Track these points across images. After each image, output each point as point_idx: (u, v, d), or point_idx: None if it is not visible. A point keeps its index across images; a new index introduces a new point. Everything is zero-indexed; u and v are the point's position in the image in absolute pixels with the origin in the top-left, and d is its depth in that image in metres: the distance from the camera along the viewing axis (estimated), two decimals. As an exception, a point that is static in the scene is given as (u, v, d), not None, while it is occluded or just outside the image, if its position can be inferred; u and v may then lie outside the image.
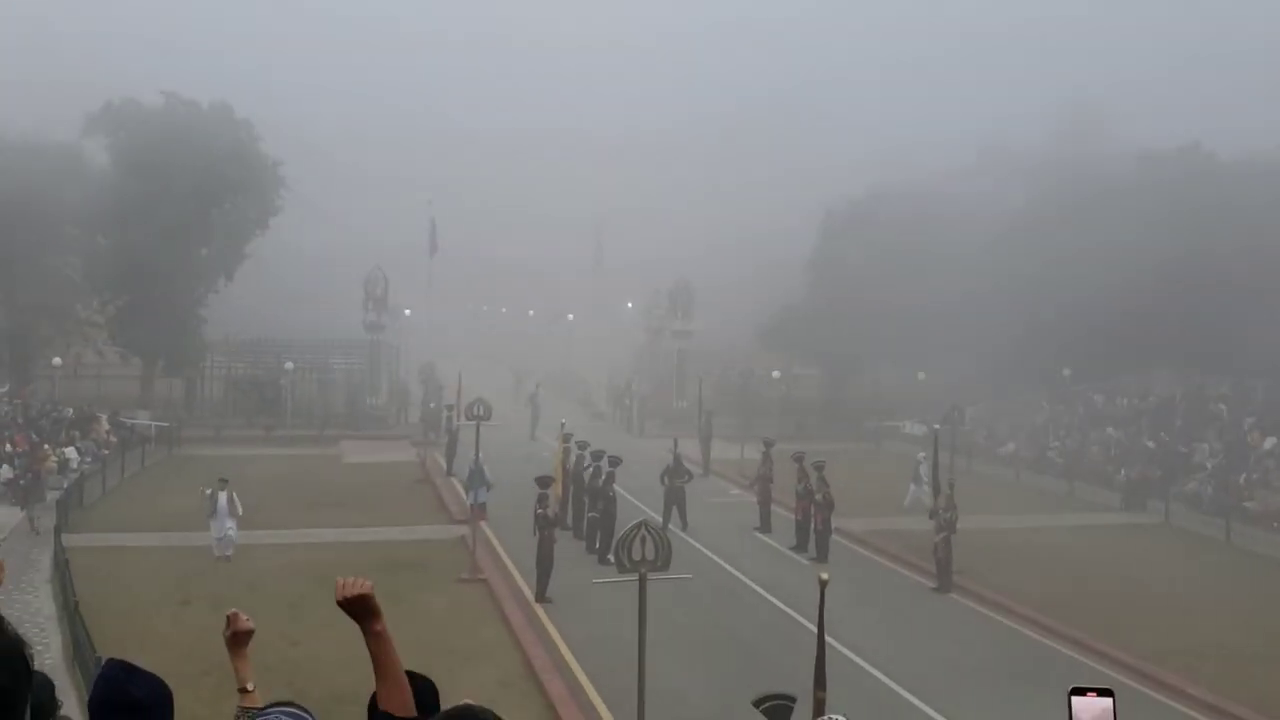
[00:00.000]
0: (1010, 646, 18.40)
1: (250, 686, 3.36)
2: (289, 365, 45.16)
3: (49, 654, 15.54)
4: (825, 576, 11.27)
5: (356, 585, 2.86)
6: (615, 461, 23.96)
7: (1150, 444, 33.57)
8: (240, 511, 22.77)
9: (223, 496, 22.49)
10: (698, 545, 24.37)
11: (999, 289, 41.38)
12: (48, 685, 2.78)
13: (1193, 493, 29.77)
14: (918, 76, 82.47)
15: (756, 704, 9.68)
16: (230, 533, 22.49)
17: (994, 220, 44.24)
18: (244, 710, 3.24)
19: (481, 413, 23.59)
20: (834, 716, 2.96)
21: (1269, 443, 31.17)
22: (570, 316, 72.63)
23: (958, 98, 74.16)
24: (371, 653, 2.89)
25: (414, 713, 2.87)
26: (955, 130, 57.66)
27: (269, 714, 2.90)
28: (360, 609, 2.86)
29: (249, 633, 3.44)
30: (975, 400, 39.76)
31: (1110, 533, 27.40)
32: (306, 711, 2.88)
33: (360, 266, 50.05)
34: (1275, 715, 15.18)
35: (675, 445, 28.00)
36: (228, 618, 3.43)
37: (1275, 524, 26.60)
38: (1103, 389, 40.79)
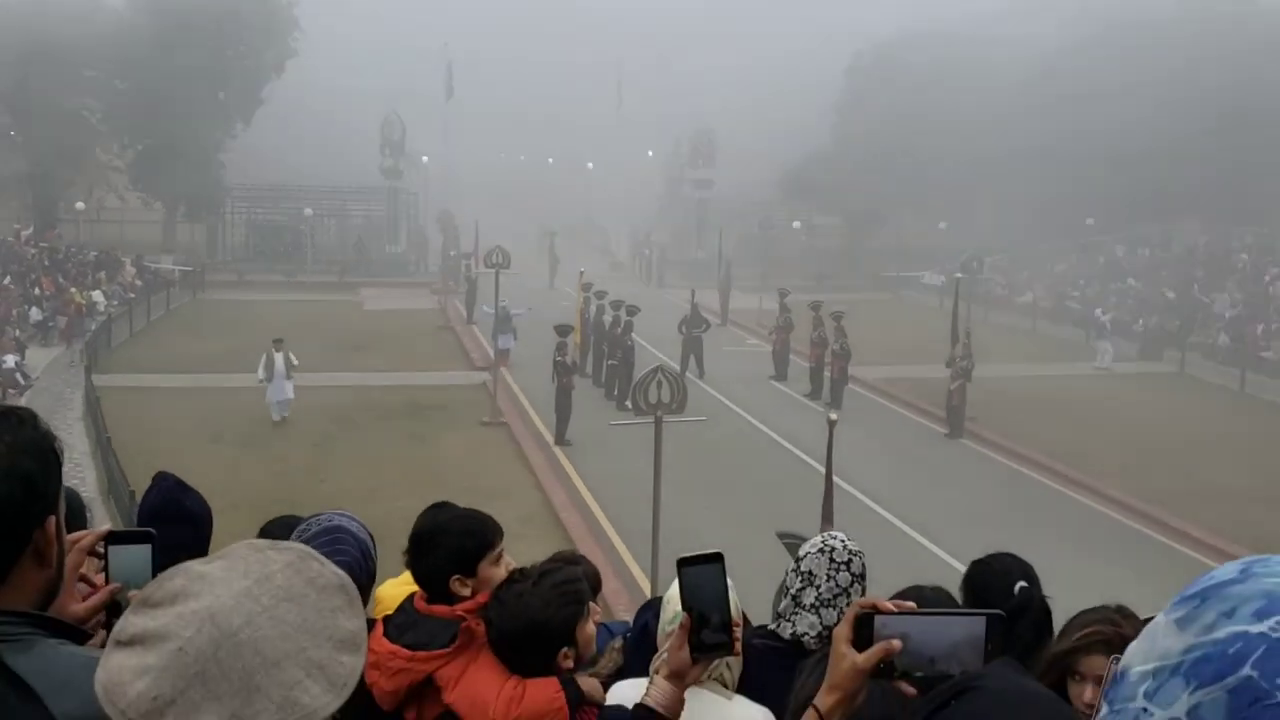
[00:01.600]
0: (1018, 490, 18.83)
1: None
2: (308, 211, 45.19)
3: (84, 488, 16.10)
4: (834, 417, 11.54)
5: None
6: (633, 310, 24.13)
7: (1170, 294, 33.46)
8: (296, 363, 21.77)
9: (279, 358, 21.44)
10: (714, 392, 24.73)
11: (1026, 136, 40.61)
12: (76, 498, 2.93)
13: (1209, 343, 29.81)
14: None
15: (781, 536, 10.09)
16: (289, 394, 21.46)
17: (1025, 64, 43.09)
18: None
19: (500, 261, 23.67)
20: (834, 532, 3.14)
21: (1290, 294, 31.05)
22: (590, 165, 71.79)
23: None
24: None
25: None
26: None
27: (324, 514, 3.15)
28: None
29: None
30: (996, 250, 39.51)
31: (1125, 382, 27.62)
32: (353, 517, 3.12)
33: (377, 111, 49.47)
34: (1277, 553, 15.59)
35: (693, 295, 28.14)
36: None
37: (1291, 374, 26.74)
38: (1125, 239, 40.42)
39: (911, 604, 1.76)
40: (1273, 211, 35.59)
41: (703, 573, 2.12)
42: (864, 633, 1.70)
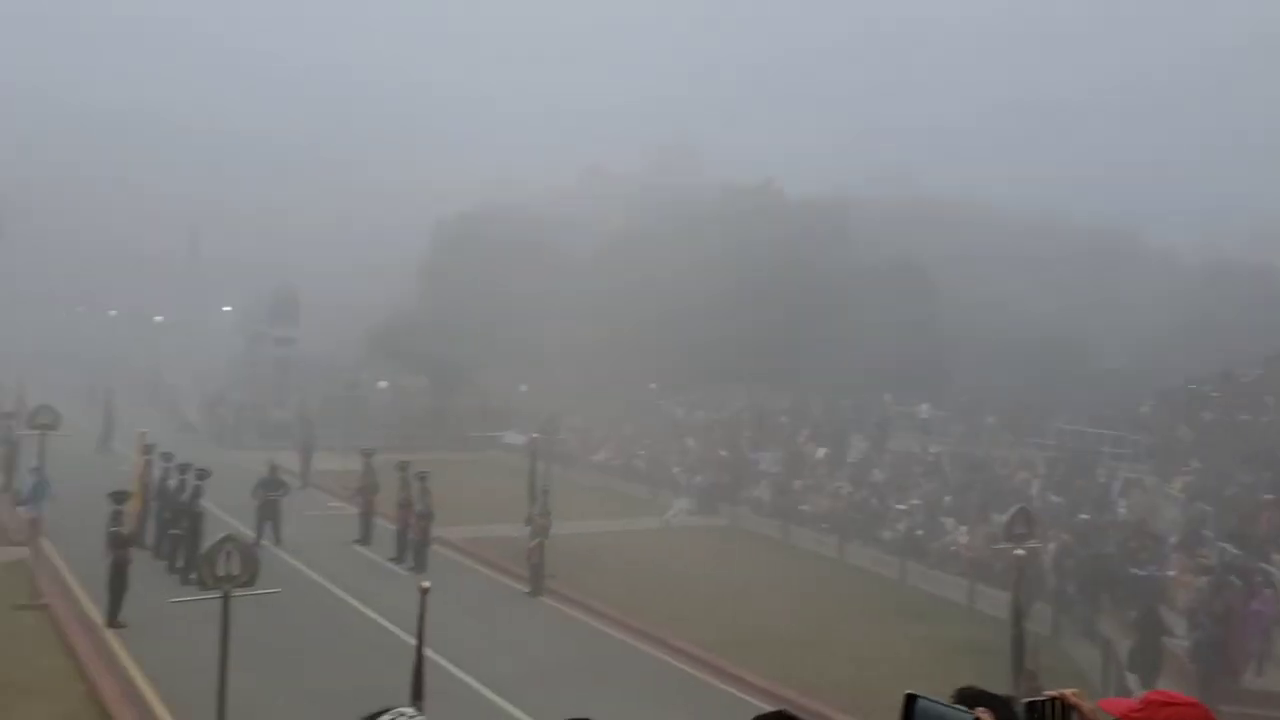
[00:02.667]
0: (594, 645, 19.53)
1: None
2: None
3: None
4: (426, 584, 11.52)
5: None
6: (203, 474, 22.77)
7: (723, 452, 36.74)
8: None
9: None
10: (292, 560, 23.74)
11: (597, 305, 43.72)
12: None
13: (757, 497, 32.92)
14: (519, 96, 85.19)
15: None
16: None
17: (596, 240, 46.67)
18: None
19: (48, 421, 21.59)
20: (403, 709, 3.22)
21: (820, 452, 35.12)
22: (159, 318, 67.67)
23: (559, 124, 77.40)
24: None
25: None
26: (554, 151, 60.19)
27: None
28: None
29: None
30: (571, 410, 41.62)
31: (685, 535, 29.76)
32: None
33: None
34: (820, 695, 17.20)
35: (272, 458, 27.13)
36: None
37: (824, 525, 30.02)
38: (683, 402, 44.16)
39: None
40: (803, 379, 40.57)
41: None
42: None
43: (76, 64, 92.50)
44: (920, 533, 26.61)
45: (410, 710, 3.25)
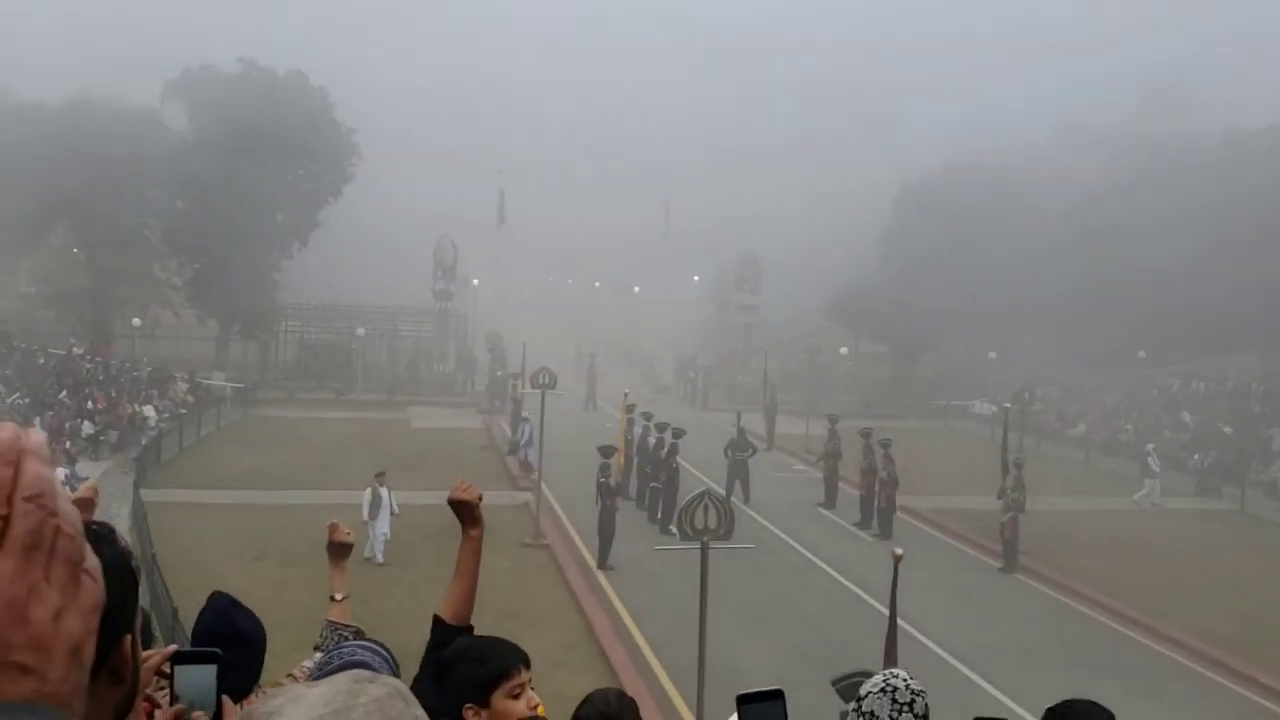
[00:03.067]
0: (1073, 627, 18.20)
1: (339, 596, 3.65)
2: (360, 331, 45.90)
3: (128, 604, 16.01)
4: (899, 552, 11.25)
5: (469, 490, 3.26)
6: (679, 433, 24.02)
7: (1227, 429, 32.81)
8: (397, 510, 20.25)
9: (385, 493, 20.01)
10: (760, 519, 24.38)
11: (1074, 267, 40.64)
12: (146, 616, 2.98)
13: (1270, 480, 29.06)
14: (995, 47, 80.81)
15: (835, 681, 9.72)
16: (386, 533, 19.94)
17: (1070, 196, 43.38)
18: (330, 624, 3.54)
19: (546, 381, 23.76)
20: (896, 670, 2.99)
21: (1352, 430, 30.32)
22: (636, 289, 72.69)
23: (1035, 71, 72.66)
24: (460, 555, 3.29)
25: (468, 622, 3.20)
26: (1032, 103, 56.56)
27: (347, 646, 3.02)
28: (465, 512, 3.25)
29: (346, 546, 3.74)
30: (1046, 381, 39.14)
31: (1182, 518, 26.91)
32: (383, 646, 2.99)
33: (430, 236, 50.61)
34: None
35: (739, 419, 28.02)
36: (329, 527, 3.75)
37: (1356, 513, 25.92)
38: (1178, 372, 39.92)
39: None
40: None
41: (763, 710, 2.08)
42: None
43: (545, 67, 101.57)
44: None
45: (903, 674, 2.99)
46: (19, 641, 0.78)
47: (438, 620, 3.26)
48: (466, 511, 3.26)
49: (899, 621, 11.68)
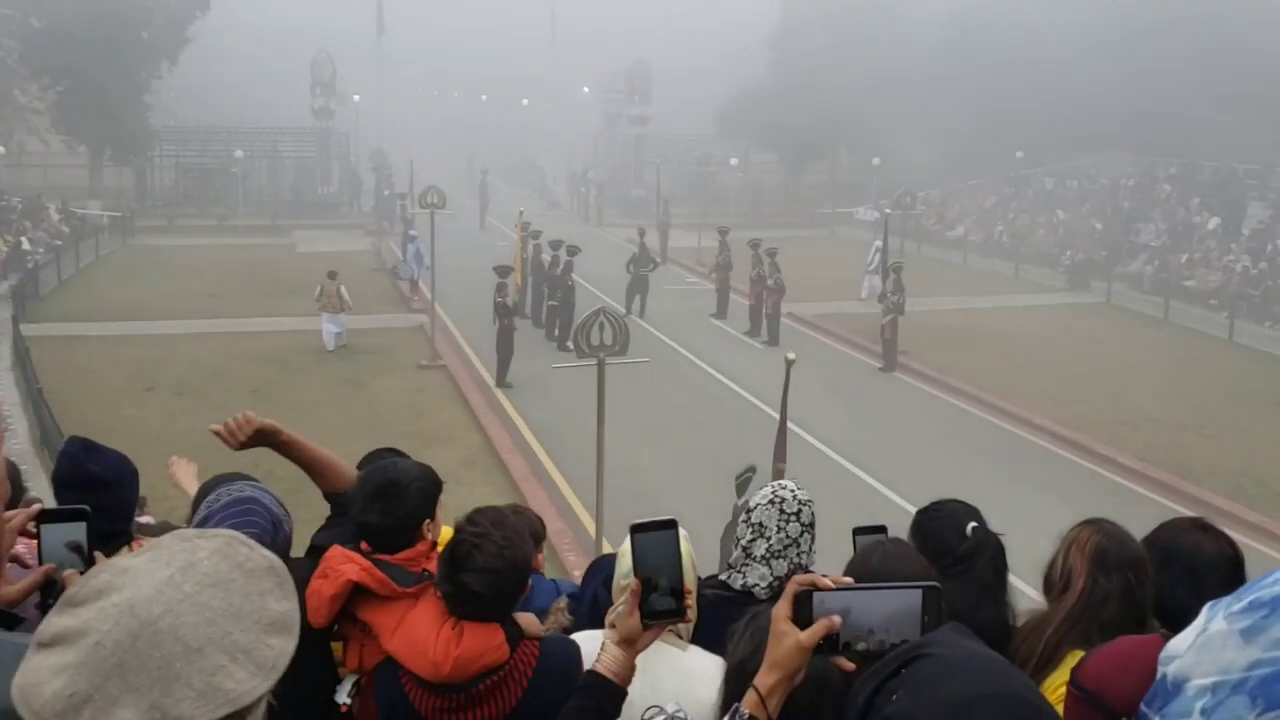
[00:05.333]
0: (949, 421, 19.31)
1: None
2: (239, 153, 44.25)
3: (16, 439, 15.90)
4: (792, 356, 11.74)
5: (244, 425, 3.02)
6: (574, 250, 24.13)
7: (1097, 225, 34.15)
8: (349, 302, 22.99)
9: (334, 286, 22.75)
10: (656, 332, 24.90)
11: (956, 71, 40.92)
12: (13, 469, 2.80)
13: (1135, 273, 30.54)
14: None
15: (737, 478, 10.34)
16: (341, 326, 22.85)
17: (953, 1, 43.28)
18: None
19: (435, 200, 23.46)
20: (784, 481, 3.27)
21: (1212, 223, 31.82)
22: (525, 101, 70.90)
23: None
24: (293, 460, 3.15)
25: (352, 481, 3.16)
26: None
27: (236, 482, 3.19)
28: (260, 438, 3.07)
29: (264, 430, 3.15)
30: (928, 185, 39.94)
31: (1053, 312, 28.27)
32: (264, 489, 3.16)
33: (307, 50, 48.32)
34: (1196, 480, 16.22)
35: (641, 234, 28.24)
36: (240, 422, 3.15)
37: (1212, 301, 27.51)
38: (1053, 171, 41.06)
39: (848, 579, 1.77)
40: (1193, 144, 36.35)
41: (656, 539, 2.12)
42: (803, 610, 1.73)
43: None
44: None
45: (791, 485, 3.24)
46: None
47: (328, 495, 3.23)
48: (259, 436, 3.06)
49: (789, 424, 12.29)
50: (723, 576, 3.20)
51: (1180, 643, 0.80)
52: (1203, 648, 0.76)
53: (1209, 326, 26.43)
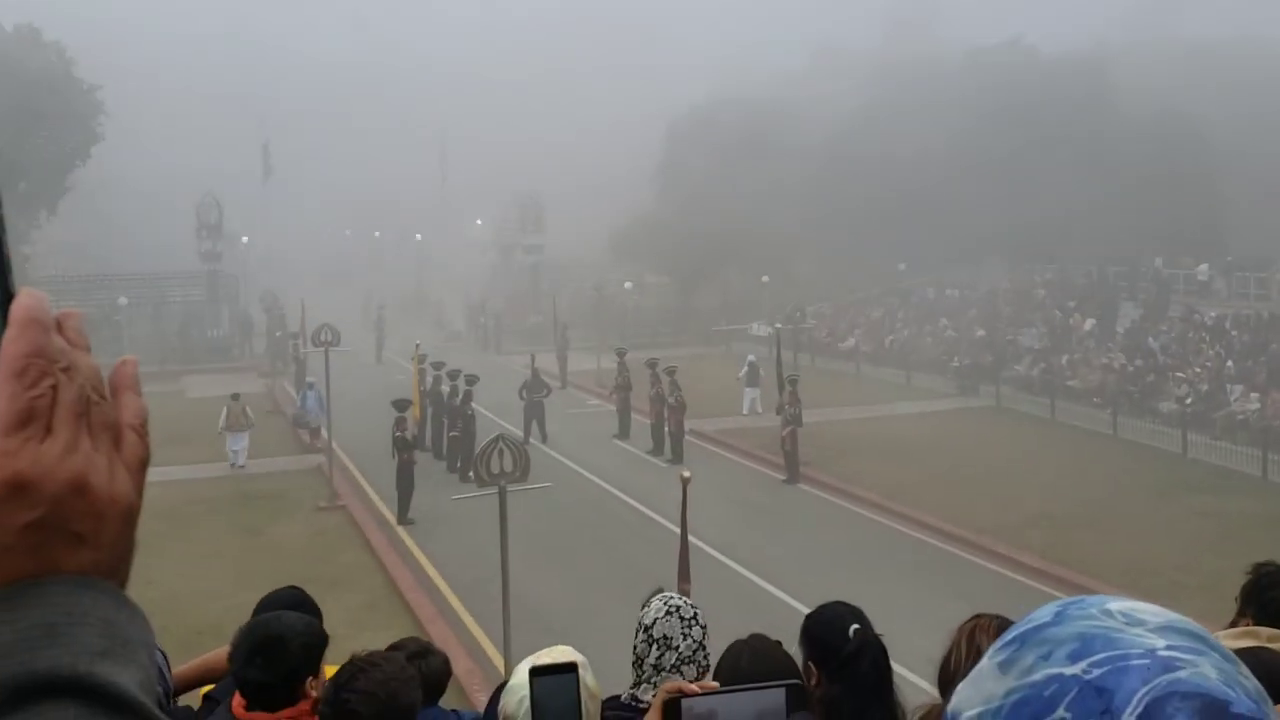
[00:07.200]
0: (857, 530, 19.47)
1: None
2: (123, 300, 43.37)
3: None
4: (687, 474, 11.76)
5: None
6: (472, 380, 24.05)
7: (981, 331, 35.36)
8: (253, 418, 24.99)
9: (238, 407, 24.50)
10: (558, 456, 24.77)
11: (837, 189, 42.53)
12: None
13: (1021, 375, 31.57)
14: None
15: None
16: (244, 444, 24.66)
17: (830, 122, 45.22)
18: None
19: (329, 338, 23.24)
20: (668, 594, 3.25)
21: (1088, 324, 33.20)
22: (418, 236, 71.28)
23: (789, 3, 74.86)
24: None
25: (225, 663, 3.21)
26: (789, 34, 58.33)
27: None
28: None
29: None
30: (817, 299, 41.00)
31: (947, 417, 28.96)
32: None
33: (192, 194, 48.09)
34: (1095, 574, 16.53)
35: (533, 360, 28.30)
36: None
37: (1095, 399, 28.50)
38: (934, 281, 42.59)
39: (715, 684, 1.85)
40: (1065, 249, 38.19)
41: (556, 684, 2.11)
42: (672, 715, 1.79)
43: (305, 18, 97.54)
44: (1192, 403, 24.83)
45: (674, 594, 3.28)
46: (80, 509, 0.72)
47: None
48: None
49: (691, 539, 12.24)
50: (633, 690, 3.16)
51: (962, 682, 0.91)
52: (971, 682, 0.86)
53: (1094, 423, 27.34)
